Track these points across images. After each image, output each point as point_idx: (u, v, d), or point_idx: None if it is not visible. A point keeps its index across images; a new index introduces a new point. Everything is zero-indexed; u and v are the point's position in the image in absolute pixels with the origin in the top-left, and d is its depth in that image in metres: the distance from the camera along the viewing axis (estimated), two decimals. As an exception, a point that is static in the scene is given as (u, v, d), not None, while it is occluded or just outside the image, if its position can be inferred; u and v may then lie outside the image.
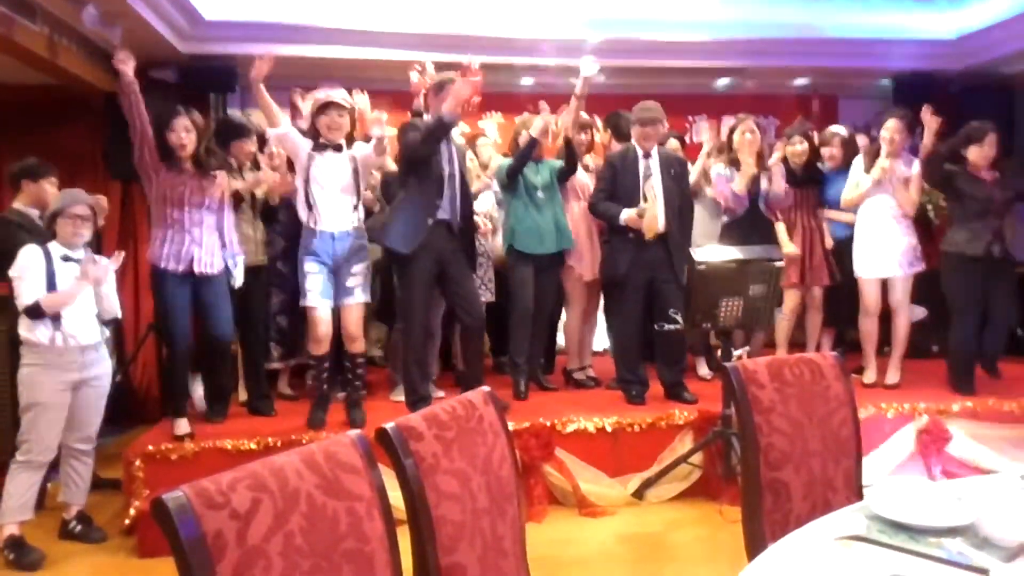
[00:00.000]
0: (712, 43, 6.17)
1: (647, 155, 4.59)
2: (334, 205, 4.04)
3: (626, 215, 4.46)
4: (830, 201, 5.14)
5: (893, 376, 4.88)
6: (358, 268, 4.11)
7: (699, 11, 5.94)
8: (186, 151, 3.92)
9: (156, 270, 3.93)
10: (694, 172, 5.13)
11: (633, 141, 4.66)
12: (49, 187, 4.23)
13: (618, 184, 4.57)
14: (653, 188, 4.51)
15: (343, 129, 4.10)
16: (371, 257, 4.45)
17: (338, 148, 4.07)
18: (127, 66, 3.78)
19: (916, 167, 4.76)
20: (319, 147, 4.05)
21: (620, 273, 4.54)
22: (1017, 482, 1.84)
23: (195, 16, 5.37)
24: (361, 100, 4.24)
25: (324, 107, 4.03)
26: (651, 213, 4.45)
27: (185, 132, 3.91)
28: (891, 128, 4.77)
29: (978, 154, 4.59)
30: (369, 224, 4.42)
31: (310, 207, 4.02)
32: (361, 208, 4.18)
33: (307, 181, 4.02)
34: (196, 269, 3.94)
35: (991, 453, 4.34)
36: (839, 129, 5.37)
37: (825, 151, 5.21)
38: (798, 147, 5.07)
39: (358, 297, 4.13)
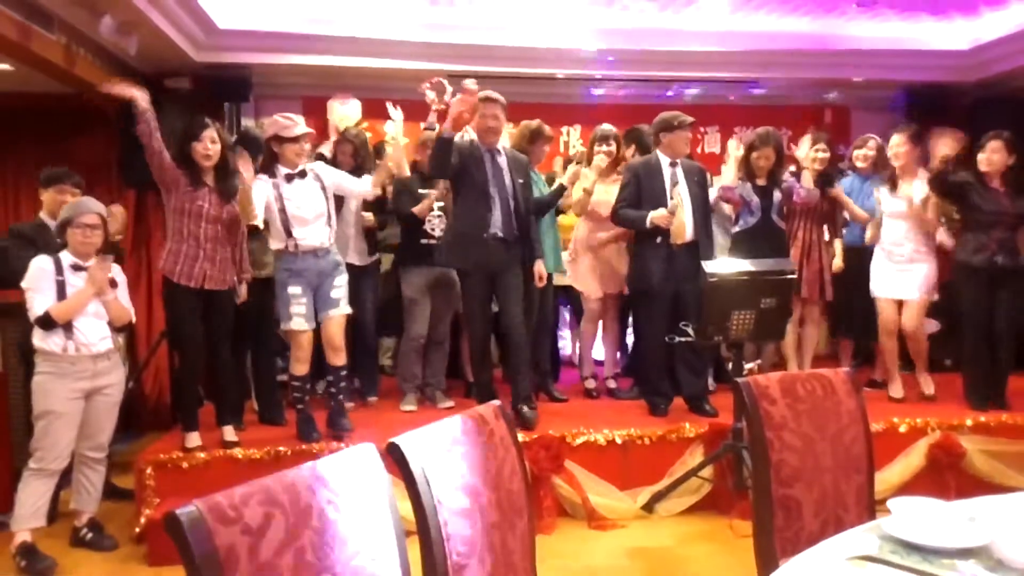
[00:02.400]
0: (725, 54, 6.19)
1: (673, 163, 4.59)
2: (311, 227, 4.06)
3: (655, 214, 4.44)
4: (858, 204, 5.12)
5: (928, 387, 4.87)
6: (340, 280, 4.16)
7: (712, 23, 5.95)
8: (210, 162, 3.93)
9: (168, 282, 3.95)
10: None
11: (657, 150, 4.66)
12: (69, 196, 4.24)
13: (643, 193, 4.57)
14: (680, 195, 4.52)
15: (306, 156, 4.17)
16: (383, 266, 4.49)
17: (303, 174, 4.10)
18: (131, 92, 3.74)
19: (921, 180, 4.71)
20: (287, 177, 4.06)
21: (651, 284, 4.53)
22: (1032, 502, 1.82)
23: (210, 25, 5.41)
24: (396, 116, 4.39)
25: (295, 138, 4.03)
26: (679, 221, 4.46)
27: (211, 143, 3.92)
28: (896, 143, 4.76)
29: (982, 160, 4.56)
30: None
31: (288, 234, 4.03)
32: (334, 223, 4.19)
33: (282, 210, 4.02)
34: (207, 286, 3.95)
35: (1006, 469, 4.31)
36: (874, 135, 5.37)
37: (859, 153, 5.21)
38: (821, 155, 5.05)
39: (343, 308, 4.17)
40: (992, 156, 4.54)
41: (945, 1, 5.61)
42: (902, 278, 4.75)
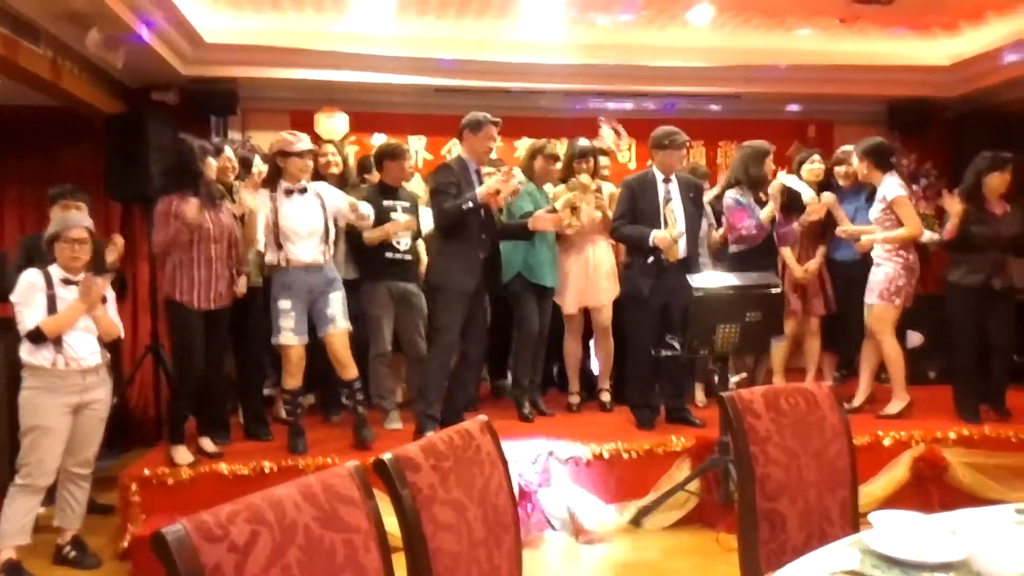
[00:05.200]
0: (709, 69, 6.23)
1: (667, 179, 4.61)
2: (304, 244, 4.09)
3: (658, 235, 4.44)
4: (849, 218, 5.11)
5: (891, 407, 4.80)
6: (335, 296, 4.18)
7: (695, 37, 6.00)
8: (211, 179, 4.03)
9: (181, 308, 3.95)
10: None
11: (652, 165, 4.68)
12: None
13: (637, 208, 4.58)
14: (674, 212, 4.54)
15: (310, 172, 4.23)
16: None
17: (303, 190, 4.15)
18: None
19: (894, 192, 4.60)
20: (286, 192, 4.12)
21: (642, 296, 4.54)
22: (1011, 516, 1.84)
23: (197, 39, 5.42)
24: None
25: (299, 153, 4.10)
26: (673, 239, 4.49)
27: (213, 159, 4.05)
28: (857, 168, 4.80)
29: (1000, 180, 4.59)
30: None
31: (279, 247, 4.07)
32: (331, 242, 4.22)
33: (274, 224, 4.07)
34: (220, 304, 4.02)
35: (988, 481, 4.35)
36: (851, 147, 5.38)
37: (839, 169, 5.19)
38: (817, 166, 5.08)
39: (340, 325, 4.19)
40: (1007, 179, 4.60)
41: (925, 15, 5.68)
42: (870, 283, 4.75)
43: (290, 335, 4.07)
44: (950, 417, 4.69)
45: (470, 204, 4.16)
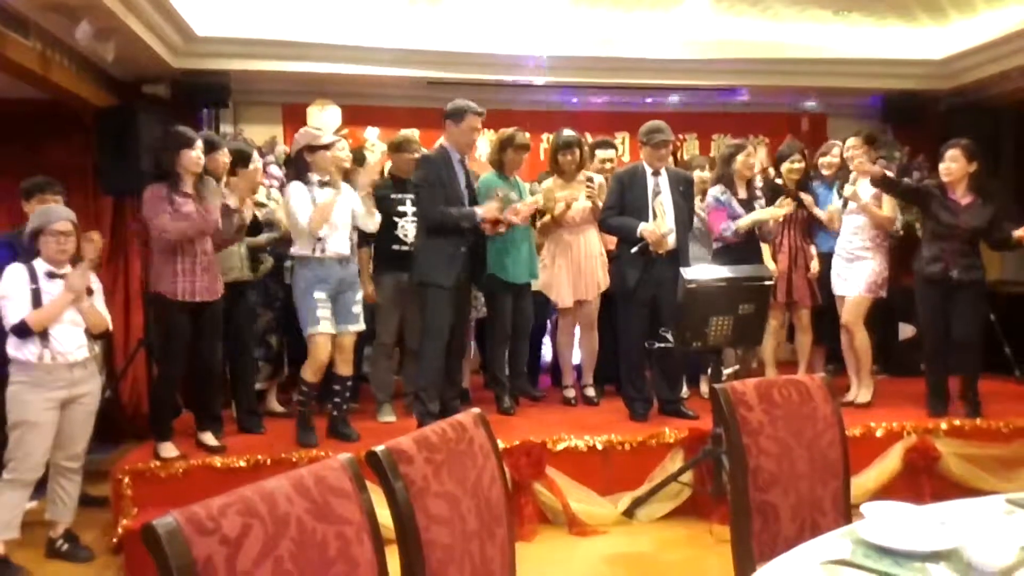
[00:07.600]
0: (703, 62, 6.24)
1: (656, 172, 4.61)
2: (338, 234, 4.14)
3: (645, 227, 4.44)
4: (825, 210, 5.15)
5: (862, 395, 4.88)
6: (359, 296, 4.26)
7: (690, 30, 6.00)
8: (198, 171, 3.96)
9: (164, 300, 3.92)
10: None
11: (642, 158, 4.68)
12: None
13: (626, 200, 4.58)
14: (663, 205, 4.54)
15: (335, 163, 4.27)
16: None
17: (333, 184, 4.18)
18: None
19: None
20: (320, 183, 4.14)
21: (628, 288, 4.54)
22: (1001, 506, 1.85)
23: (188, 32, 5.39)
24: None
25: (326, 145, 4.15)
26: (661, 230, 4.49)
27: (202, 152, 3.98)
28: (850, 145, 4.80)
29: (942, 170, 4.55)
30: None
31: (318, 238, 4.07)
32: (355, 238, 4.29)
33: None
34: (207, 298, 3.98)
35: (980, 472, 4.37)
36: (839, 141, 5.39)
37: (823, 160, 5.21)
38: (796, 165, 5.09)
39: (360, 325, 4.27)
40: (950, 165, 4.51)
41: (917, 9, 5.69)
42: (846, 275, 4.78)
43: (328, 324, 4.09)
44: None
45: (466, 224, 4.22)
